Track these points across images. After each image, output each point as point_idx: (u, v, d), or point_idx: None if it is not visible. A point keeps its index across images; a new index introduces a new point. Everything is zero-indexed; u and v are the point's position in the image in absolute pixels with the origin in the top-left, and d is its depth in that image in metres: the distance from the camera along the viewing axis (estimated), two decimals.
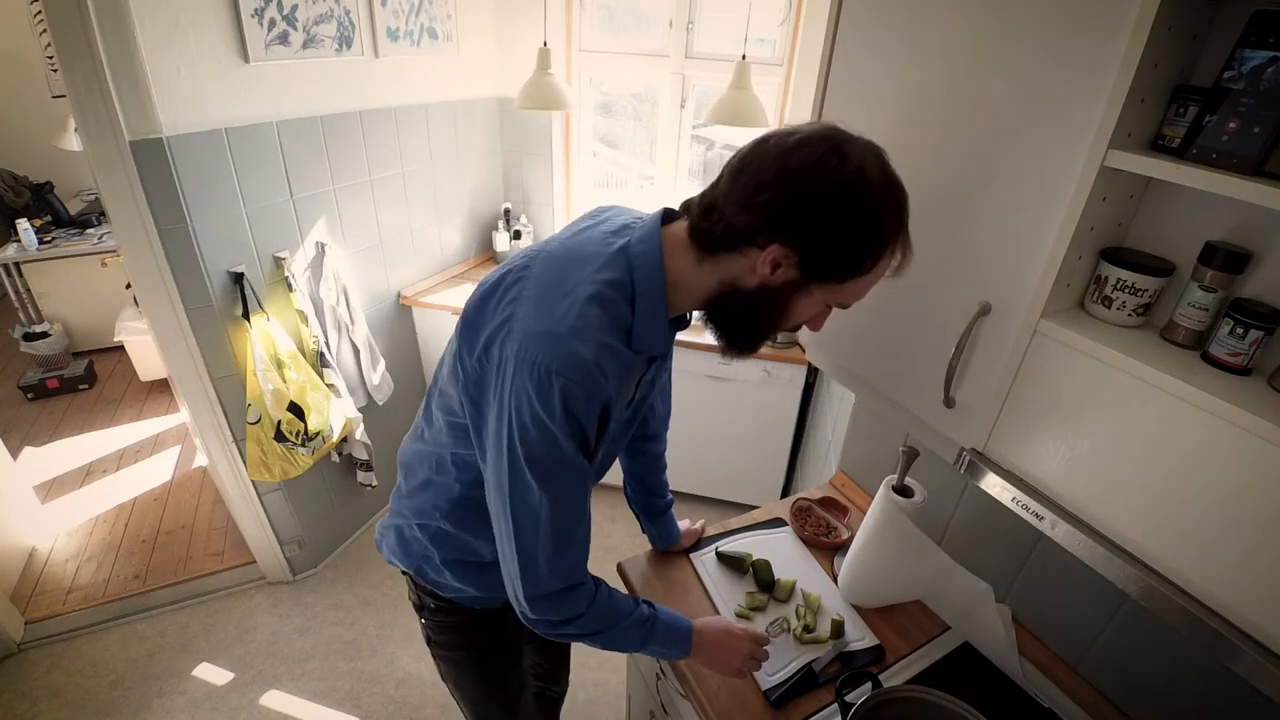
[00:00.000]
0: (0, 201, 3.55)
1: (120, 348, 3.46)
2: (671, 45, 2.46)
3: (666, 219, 0.81)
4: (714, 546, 1.34)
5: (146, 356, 3.37)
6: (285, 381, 1.90)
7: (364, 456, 2.29)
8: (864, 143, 0.69)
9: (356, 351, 2.20)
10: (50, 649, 2.07)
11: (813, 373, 2.38)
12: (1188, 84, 0.66)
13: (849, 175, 0.67)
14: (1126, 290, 0.71)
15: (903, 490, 1.16)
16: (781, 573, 1.27)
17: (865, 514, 1.22)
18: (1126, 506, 0.69)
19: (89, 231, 3.49)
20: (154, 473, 2.89)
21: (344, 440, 2.17)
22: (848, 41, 0.94)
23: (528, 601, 0.82)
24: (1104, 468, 0.71)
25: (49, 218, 3.54)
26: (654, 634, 0.93)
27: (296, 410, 1.91)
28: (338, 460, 2.28)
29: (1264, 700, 0.63)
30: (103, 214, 3.51)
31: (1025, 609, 1.18)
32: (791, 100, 2.33)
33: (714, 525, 1.42)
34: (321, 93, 1.93)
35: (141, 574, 2.33)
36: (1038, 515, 0.77)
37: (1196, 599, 0.64)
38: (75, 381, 3.43)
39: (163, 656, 2.07)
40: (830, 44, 0.96)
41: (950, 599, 1.19)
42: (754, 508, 1.50)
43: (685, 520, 1.37)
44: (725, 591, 1.25)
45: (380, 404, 2.36)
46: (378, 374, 2.29)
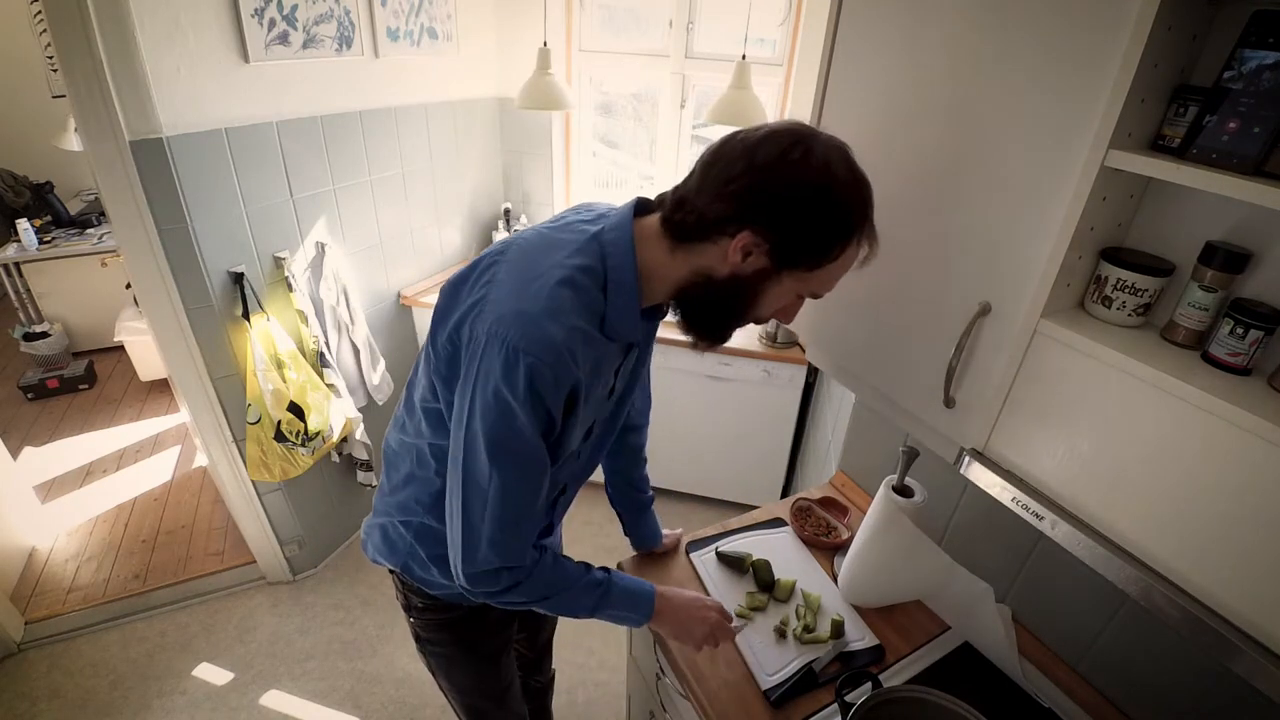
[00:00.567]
0: (0, 201, 3.55)
1: (120, 348, 3.46)
2: (671, 45, 2.46)
3: (641, 210, 0.83)
4: (714, 546, 1.34)
5: (146, 356, 3.37)
6: (285, 381, 1.90)
7: (364, 456, 2.29)
8: (828, 137, 0.73)
9: (356, 351, 2.20)
10: (50, 649, 2.07)
11: (813, 373, 2.38)
12: (1188, 84, 0.66)
13: (813, 166, 0.70)
14: (1126, 290, 0.71)
15: (903, 490, 1.16)
16: (781, 573, 1.27)
17: (865, 514, 1.23)
18: (1126, 506, 0.69)
19: (89, 231, 3.49)
20: (154, 473, 2.89)
21: (344, 440, 2.17)
22: (848, 41, 0.94)
23: (466, 577, 0.84)
24: (1104, 468, 0.71)
25: (49, 218, 3.54)
26: (608, 598, 0.94)
27: (296, 410, 1.91)
28: (338, 460, 2.28)
29: (1264, 700, 0.63)
30: (103, 214, 3.51)
31: (1025, 609, 1.18)
32: (791, 100, 2.33)
33: (714, 525, 1.42)
34: (321, 93, 1.93)
35: (141, 574, 2.33)
36: (1038, 515, 0.77)
37: (1196, 599, 0.64)
38: (75, 381, 3.43)
39: (163, 656, 2.07)
40: (830, 44, 0.96)
41: (950, 599, 1.19)
42: (754, 508, 1.51)
43: (667, 531, 1.36)
44: (725, 591, 1.25)
45: (380, 404, 2.36)
46: (378, 374, 2.29)
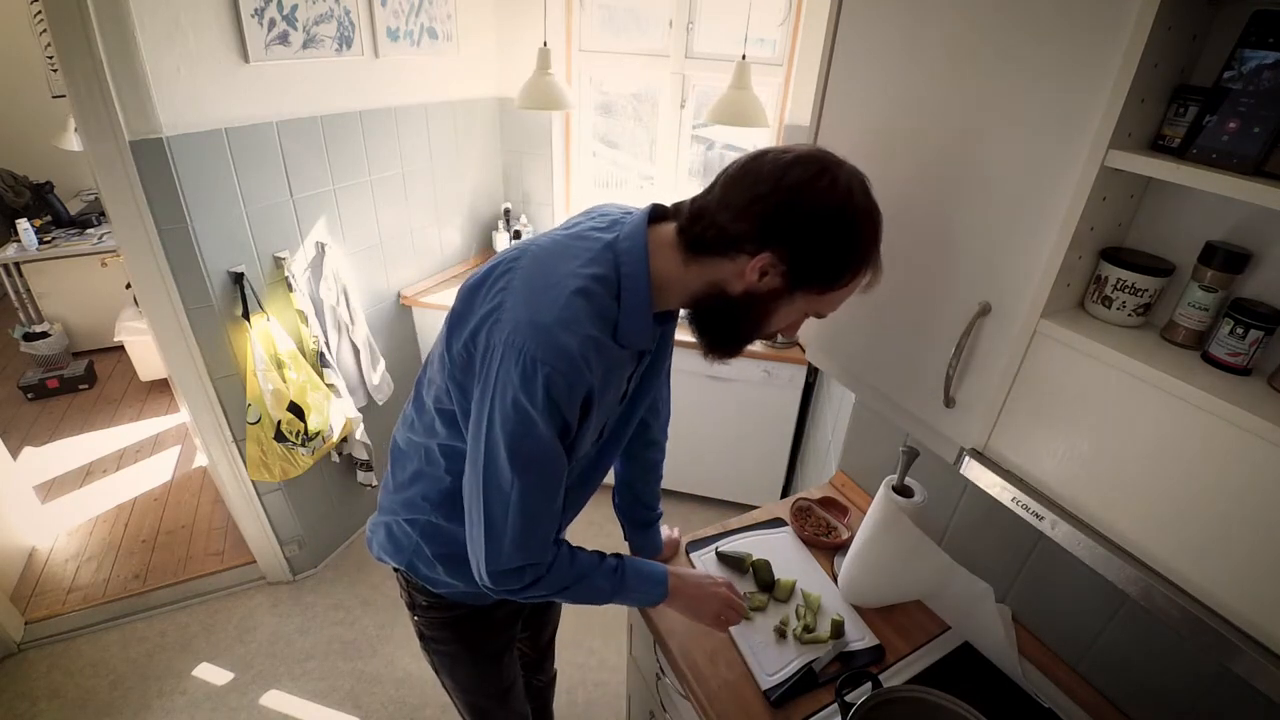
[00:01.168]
0: (0, 201, 3.55)
1: (120, 348, 3.46)
2: (671, 45, 2.46)
3: (655, 216, 0.83)
4: (714, 546, 1.34)
5: (146, 356, 3.37)
6: (285, 381, 1.90)
7: (364, 456, 2.29)
8: (850, 167, 0.75)
9: (356, 351, 2.20)
10: (50, 649, 2.07)
11: (813, 373, 2.38)
12: (1188, 84, 0.66)
13: (839, 194, 0.72)
14: (1126, 290, 0.71)
15: (903, 490, 1.16)
16: (781, 573, 1.27)
17: (865, 514, 1.22)
18: (1126, 506, 0.69)
19: (89, 231, 3.49)
20: (154, 473, 2.89)
21: (344, 440, 2.17)
22: (848, 41, 0.94)
23: (489, 576, 0.85)
24: (1104, 468, 0.71)
25: (49, 218, 3.54)
26: (625, 582, 0.97)
27: (296, 410, 1.91)
28: (338, 460, 2.28)
29: (1264, 700, 0.63)
30: (103, 214, 3.51)
31: (1025, 609, 1.18)
32: (791, 100, 2.33)
33: (714, 525, 1.42)
34: (321, 93, 1.93)
35: (141, 574, 2.33)
36: (1038, 515, 0.77)
37: (1196, 599, 0.64)
38: (75, 381, 3.43)
39: (163, 656, 2.07)
40: (830, 44, 0.96)
41: (950, 599, 1.19)
42: (754, 508, 1.50)
43: (664, 526, 1.36)
44: None
45: (380, 404, 2.36)
46: (378, 374, 2.29)
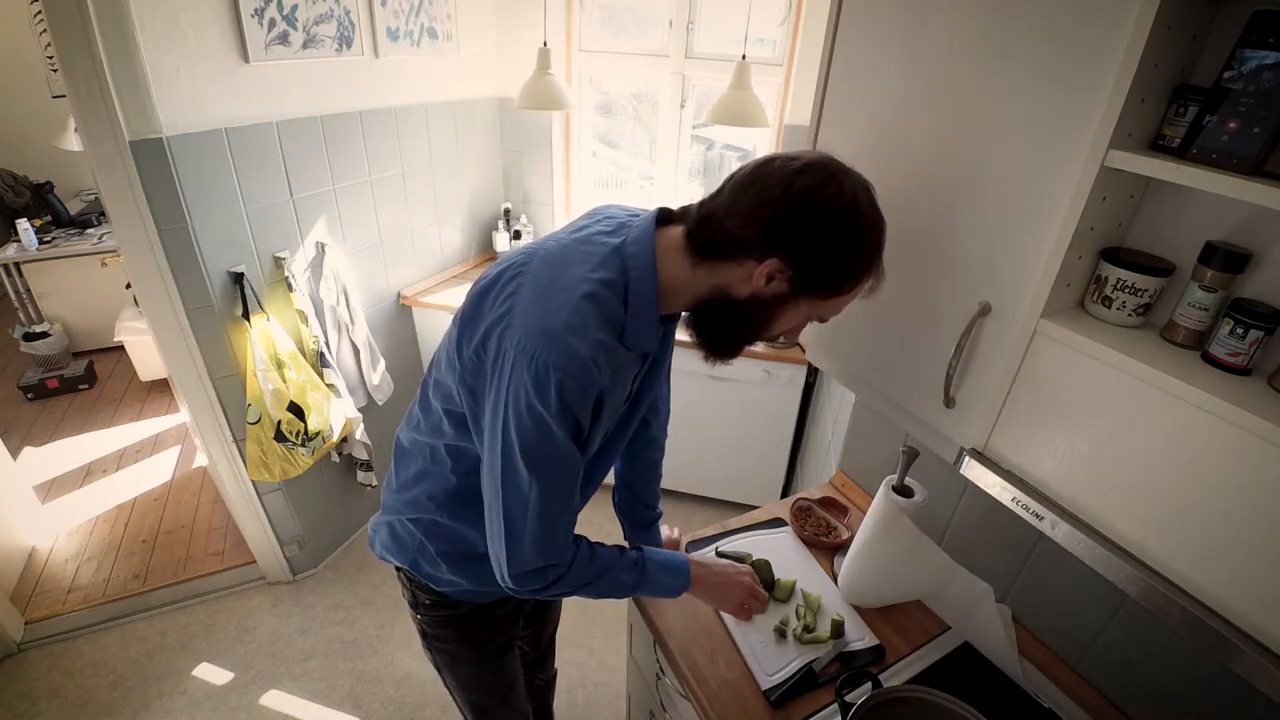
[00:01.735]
0: (0, 201, 3.55)
1: (120, 348, 3.46)
2: (671, 45, 2.46)
3: (662, 219, 0.84)
4: (714, 546, 1.34)
5: (146, 356, 3.37)
6: (285, 381, 1.90)
7: (364, 456, 2.29)
8: (857, 175, 0.76)
9: (356, 351, 2.20)
10: (50, 649, 2.07)
11: (813, 373, 2.38)
12: (1188, 84, 0.66)
13: (846, 202, 0.73)
14: (1126, 290, 0.71)
15: (903, 490, 1.16)
16: (781, 573, 1.26)
17: (865, 514, 1.22)
18: (1126, 506, 0.69)
19: (89, 231, 3.49)
20: (154, 473, 2.89)
21: (344, 440, 2.17)
22: (848, 41, 0.94)
23: (512, 578, 0.86)
24: (1104, 468, 0.71)
25: (49, 218, 3.54)
26: (646, 574, 0.98)
27: (296, 410, 1.91)
28: (338, 460, 2.28)
29: (1264, 700, 0.63)
30: (103, 214, 3.51)
31: (1025, 609, 1.18)
32: (791, 100, 2.33)
33: (714, 525, 1.42)
34: (321, 93, 1.93)
35: (141, 574, 2.33)
36: (1038, 515, 0.77)
37: (1196, 599, 0.64)
38: (75, 381, 3.43)
39: (163, 656, 2.07)
40: (830, 44, 0.96)
41: (950, 599, 1.19)
42: (754, 508, 1.50)
43: (664, 526, 1.36)
44: None
45: (380, 404, 2.36)
46: (378, 374, 2.29)
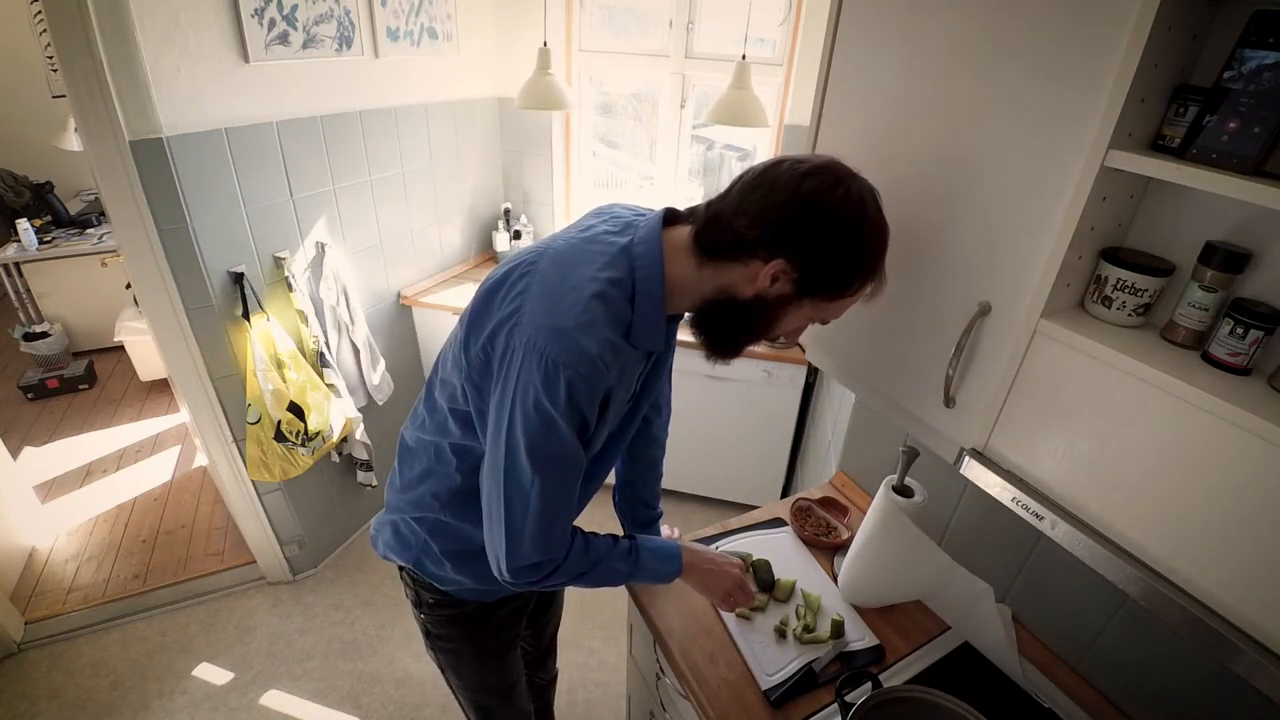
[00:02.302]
0: (0, 201, 3.55)
1: (120, 348, 3.46)
2: (671, 45, 2.46)
3: (669, 219, 0.85)
4: (714, 546, 1.34)
5: (146, 356, 3.37)
6: (285, 381, 1.90)
7: (364, 456, 2.29)
8: (864, 181, 0.77)
9: (356, 351, 2.20)
10: (50, 649, 2.07)
11: (813, 373, 2.38)
12: (1188, 84, 0.66)
13: (852, 206, 0.75)
14: (1126, 290, 0.71)
15: (903, 490, 1.16)
16: (781, 573, 1.26)
17: (865, 514, 1.22)
18: (1126, 506, 0.69)
19: (89, 231, 3.49)
20: (154, 473, 2.89)
21: (344, 440, 2.17)
22: (848, 41, 0.94)
23: (510, 571, 0.86)
24: (1104, 468, 0.71)
25: (49, 218, 3.54)
26: (639, 563, 0.98)
27: (296, 410, 1.91)
28: (338, 460, 2.28)
29: (1264, 700, 0.63)
30: (103, 214, 3.51)
31: (1025, 609, 1.18)
32: (791, 100, 2.33)
33: (714, 525, 1.42)
34: (321, 93, 1.93)
35: (141, 574, 2.33)
36: (1038, 515, 0.77)
37: (1196, 599, 0.64)
38: (75, 381, 3.43)
39: (163, 656, 2.07)
40: (830, 44, 0.96)
41: (950, 599, 1.19)
42: (754, 508, 1.50)
43: (664, 526, 1.36)
44: None
45: (380, 404, 2.36)
46: (378, 374, 2.29)
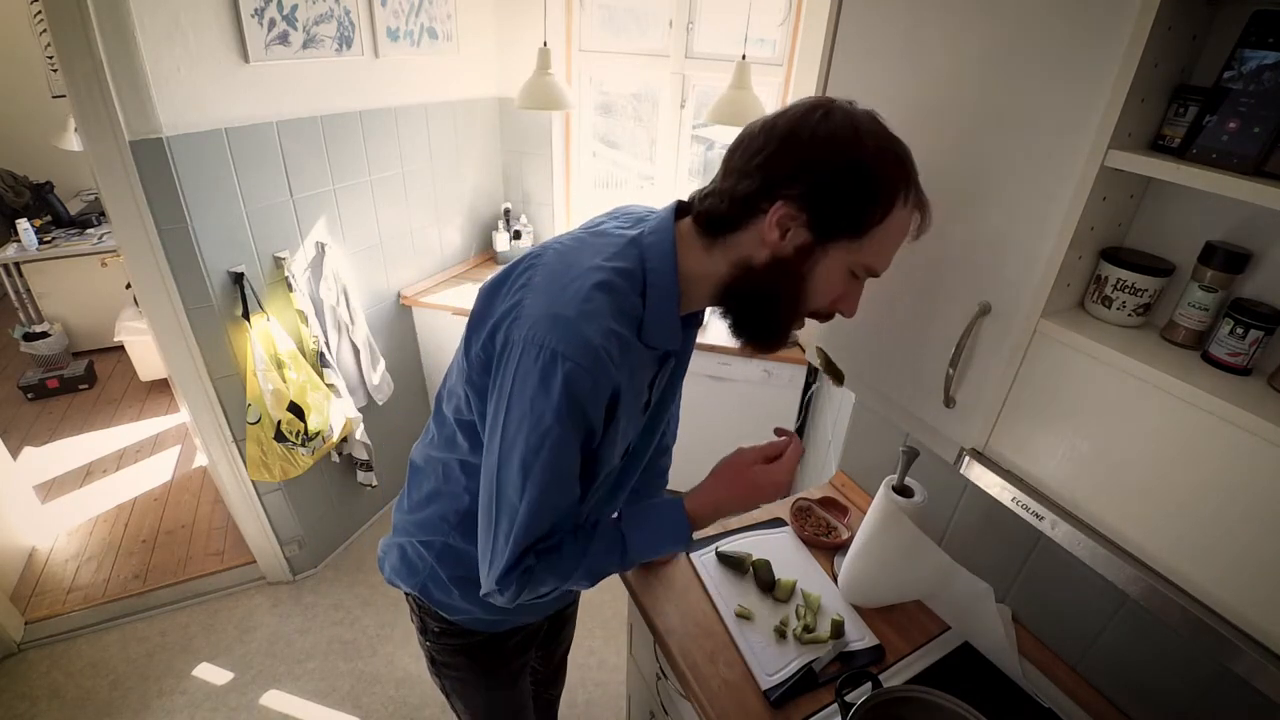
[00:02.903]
0: (0, 201, 3.55)
1: (120, 348, 3.46)
2: (671, 45, 2.46)
3: (680, 213, 0.81)
4: (714, 546, 1.34)
5: (146, 356, 3.37)
6: (285, 381, 1.90)
7: (364, 456, 2.29)
8: (852, 103, 0.71)
9: (356, 351, 2.20)
10: (50, 649, 2.07)
11: (813, 373, 2.37)
12: (1188, 84, 0.66)
13: (838, 122, 0.68)
14: (1126, 290, 0.71)
15: (903, 490, 1.16)
16: (781, 573, 1.27)
17: (865, 514, 1.22)
18: (1126, 506, 0.69)
19: (89, 231, 3.49)
20: (154, 473, 2.89)
21: (344, 440, 2.17)
22: (848, 41, 0.94)
23: (496, 581, 0.78)
24: (1104, 468, 0.71)
25: (49, 218, 3.54)
26: (627, 548, 0.84)
27: (296, 410, 1.91)
28: (338, 460, 2.28)
29: (1264, 700, 0.63)
30: (103, 214, 3.51)
31: (1025, 609, 1.18)
32: (791, 100, 2.32)
33: (714, 525, 1.41)
34: (321, 93, 1.93)
35: (141, 574, 2.33)
36: (1038, 515, 0.77)
37: (1197, 599, 0.64)
38: (75, 381, 3.43)
39: (163, 656, 2.07)
40: (830, 44, 0.96)
41: (950, 599, 1.19)
42: (754, 507, 1.50)
43: None
44: (725, 591, 1.24)
45: (380, 404, 2.36)
46: (378, 374, 2.29)
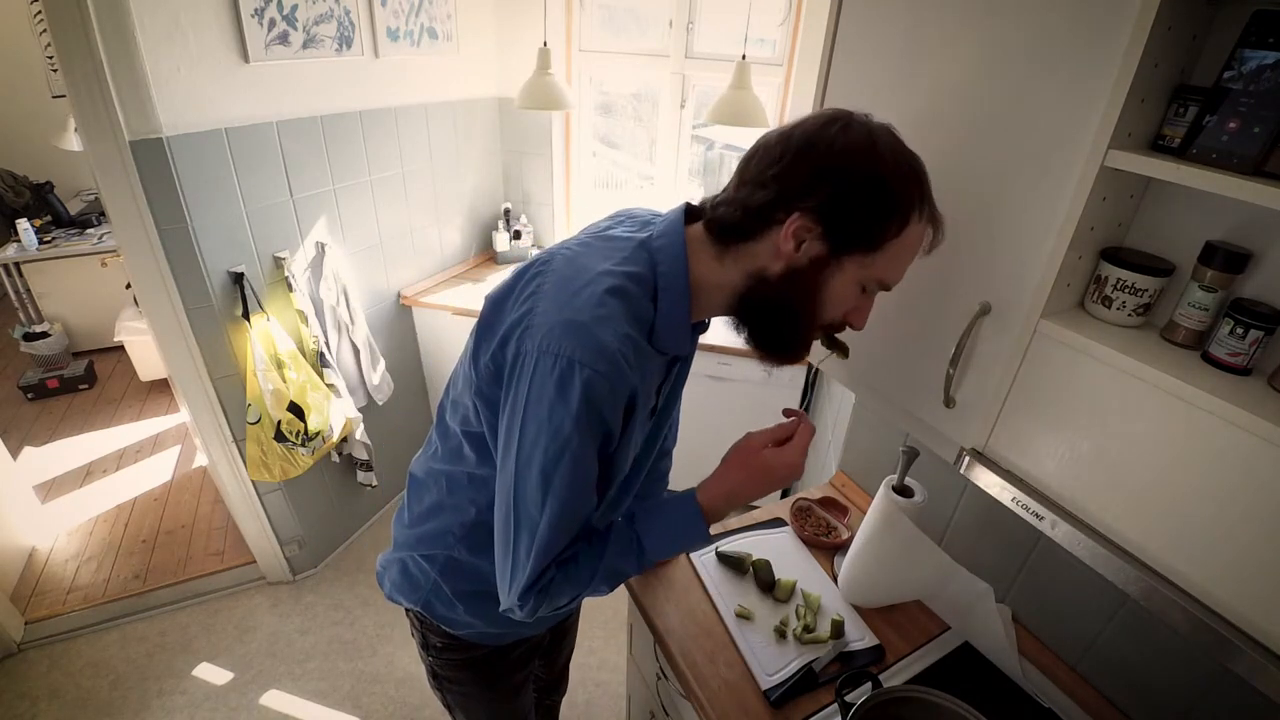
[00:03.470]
0: (0, 201, 3.55)
1: (120, 348, 3.46)
2: (671, 45, 2.46)
3: (689, 218, 0.79)
4: (714, 547, 1.34)
5: (146, 356, 3.37)
6: (285, 381, 1.90)
7: (364, 456, 2.29)
8: (869, 117, 0.70)
9: (356, 351, 2.20)
10: (50, 649, 2.07)
11: (813, 373, 2.38)
12: (1188, 84, 0.66)
13: (854, 135, 0.68)
14: (1126, 290, 0.71)
15: (903, 490, 1.16)
16: (781, 573, 1.26)
17: (865, 514, 1.22)
18: (1126, 506, 0.69)
19: (89, 231, 3.49)
20: (154, 473, 2.89)
21: (344, 440, 2.17)
22: (848, 41, 0.94)
23: (518, 598, 0.77)
24: (1104, 468, 0.71)
25: (49, 218, 3.54)
26: (644, 547, 0.83)
27: (296, 410, 1.91)
28: (338, 460, 2.28)
29: (1264, 700, 0.63)
30: (103, 214, 3.51)
31: (1025, 609, 1.18)
32: (791, 100, 2.33)
33: (714, 525, 1.41)
34: (321, 93, 1.93)
35: (141, 574, 2.33)
36: (1038, 515, 0.77)
37: (1196, 599, 0.64)
38: (75, 381, 3.43)
39: (163, 656, 2.07)
40: (830, 44, 0.96)
41: (950, 599, 1.19)
42: (754, 507, 1.50)
43: None
44: (725, 591, 1.24)
45: (380, 404, 2.36)
46: (378, 374, 2.29)
